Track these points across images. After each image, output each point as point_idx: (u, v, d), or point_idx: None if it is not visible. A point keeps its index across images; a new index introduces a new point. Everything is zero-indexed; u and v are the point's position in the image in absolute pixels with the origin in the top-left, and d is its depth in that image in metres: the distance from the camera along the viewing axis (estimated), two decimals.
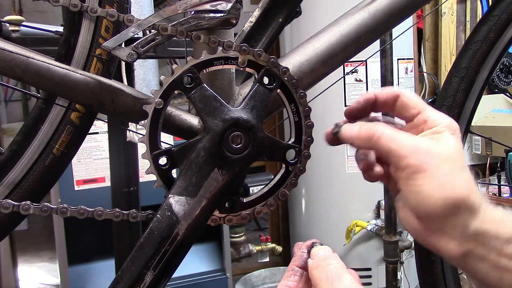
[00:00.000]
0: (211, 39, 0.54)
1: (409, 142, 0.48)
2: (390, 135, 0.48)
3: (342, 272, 0.46)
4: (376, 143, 0.49)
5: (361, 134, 0.50)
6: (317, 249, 0.50)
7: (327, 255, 0.48)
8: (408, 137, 0.48)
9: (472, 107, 0.84)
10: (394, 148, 0.47)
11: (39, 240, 3.38)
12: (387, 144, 0.48)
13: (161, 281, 0.53)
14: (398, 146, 0.47)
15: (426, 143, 0.48)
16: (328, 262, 0.47)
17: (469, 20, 2.88)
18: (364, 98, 0.53)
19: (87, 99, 0.55)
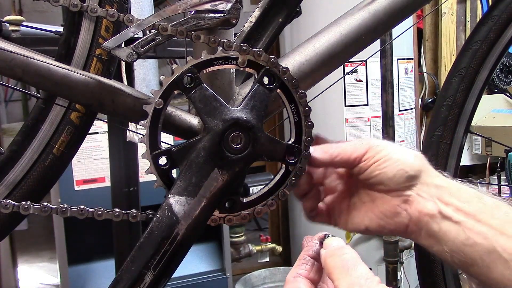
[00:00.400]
0: (211, 39, 0.54)
1: (356, 142, 0.57)
2: (339, 147, 0.57)
3: (358, 261, 0.46)
4: (334, 157, 0.57)
5: (341, 155, 0.56)
6: (331, 239, 0.50)
7: (341, 245, 0.49)
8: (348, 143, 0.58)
9: (472, 107, 0.84)
10: (348, 152, 0.56)
11: (39, 240, 3.38)
12: (340, 155, 0.57)
13: (161, 281, 0.53)
14: (350, 149, 0.56)
15: (368, 139, 0.58)
16: (343, 251, 0.47)
17: (469, 20, 2.88)
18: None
19: (87, 99, 0.55)
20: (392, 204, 0.55)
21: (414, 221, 0.54)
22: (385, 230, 0.57)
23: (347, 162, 0.56)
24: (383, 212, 0.56)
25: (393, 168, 0.54)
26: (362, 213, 0.58)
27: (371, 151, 0.55)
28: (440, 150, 0.84)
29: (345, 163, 0.56)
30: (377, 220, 0.56)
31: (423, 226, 0.54)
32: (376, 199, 0.56)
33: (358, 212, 0.58)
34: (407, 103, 2.13)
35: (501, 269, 0.50)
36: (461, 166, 0.95)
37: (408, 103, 2.14)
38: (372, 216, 0.57)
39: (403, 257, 1.83)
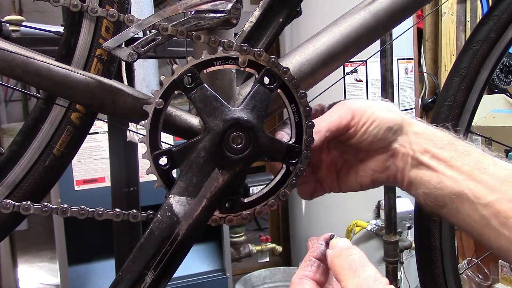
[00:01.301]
0: (212, 39, 0.54)
1: (338, 104, 0.60)
2: (325, 121, 0.58)
3: (366, 262, 0.46)
4: (326, 132, 0.58)
5: (332, 124, 0.57)
6: (337, 240, 0.50)
7: (349, 246, 0.49)
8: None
9: (472, 107, 0.84)
10: (336, 120, 0.58)
11: (39, 240, 3.38)
12: (330, 125, 0.58)
13: (161, 281, 0.53)
14: (337, 117, 0.58)
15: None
16: (350, 252, 0.47)
17: (469, 20, 2.88)
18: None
19: (87, 99, 0.55)
20: (382, 160, 0.59)
21: (400, 170, 0.58)
22: (377, 183, 0.60)
23: (337, 133, 0.58)
24: (374, 169, 0.59)
25: (381, 129, 0.57)
26: (354, 175, 0.61)
27: (356, 115, 0.57)
28: None
29: (335, 135, 0.58)
30: (369, 177, 0.60)
31: (406, 174, 0.58)
32: (365, 159, 0.60)
33: (350, 176, 0.61)
34: (407, 103, 2.13)
35: (468, 210, 0.54)
36: None
37: (408, 103, 2.14)
38: (364, 175, 0.60)
39: (403, 257, 1.83)
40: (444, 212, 0.56)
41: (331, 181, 0.63)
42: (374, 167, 0.59)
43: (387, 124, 0.57)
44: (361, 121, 0.57)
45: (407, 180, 0.58)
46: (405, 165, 0.58)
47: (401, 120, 0.58)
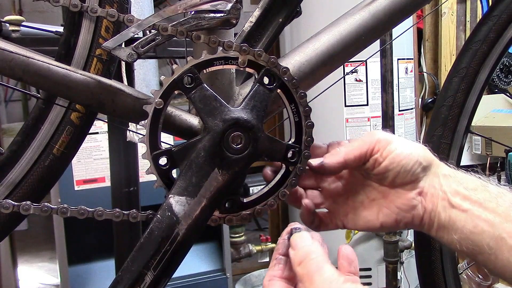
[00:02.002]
0: (211, 39, 0.54)
1: (364, 136, 0.57)
2: (348, 147, 0.57)
3: (321, 264, 0.45)
4: (346, 159, 0.57)
5: (349, 155, 0.56)
6: (295, 238, 0.48)
7: (307, 248, 0.47)
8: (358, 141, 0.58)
9: (472, 107, 0.84)
10: (359, 149, 0.56)
11: (39, 240, 3.38)
12: (351, 154, 0.57)
13: (161, 281, 0.53)
14: (360, 145, 0.57)
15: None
16: (310, 257, 0.46)
17: (469, 20, 2.88)
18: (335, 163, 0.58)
19: (87, 99, 0.55)
20: (408, 197, 0.55)
21: (428, 212, 0.55)
22: (400, 224, 0.56)
23: (360, 159, 0.55)
24: (399, 206, 0.56)
25: (410, 160, 0.54)
26: (375, 211, 0.57)
27: (380, 143, 0.55)
28: (440, 150, 0.84)
29: (358, 160, 0.55)
30: (393, 215, 0.56)
31: (435, 216, 0.54)
32: (389, 195, 0.56)
33: (369, 211, 0.58)
34: (407, 103, 2.13)
35: (507, 255, 0.50)
36: (461, 166, 0.95)
37: (408, 103, 2.14)
38: (387, 212, 0.56)
39: (403, 257, 1.83)
40: (481, 259, 0.52)
41: (345, 213, 0.60)
42: (400, 204, 0.55)
43: (417, 157, 0.54)
44: (386, 150, 0.54)
45: (438, 224, 0.54)
46: (434, 207, 0.54)
47: (431, 158, 0.55)
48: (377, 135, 0.56)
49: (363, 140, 0.56)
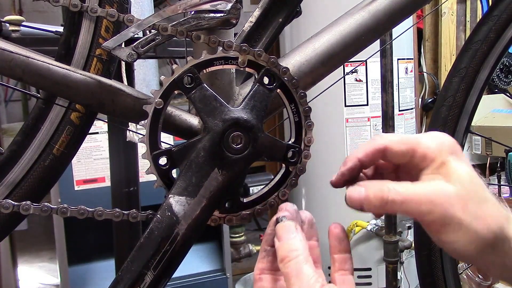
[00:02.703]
0: (211, 39, 0.54)
1: (424, 197, 0.45)
2: (401, 196, 0.45)
3: (300, 266, 0.44)
4: (390, 208, 0.46)
5: (371, 200, 0.46)
6: (279, 229, 0.47)
7: (289, 246, 0.46)
8: (420, 189, 0.45)
9: (472, 107, 0.84)
10: (411, 210, 0.45)
11: (39, 240, 3.38)
12: (401, 207, 0.45)
13: (161, 281, 0.53)
14: (414, 206, 0.45)
15: (438, 189, 0.45)
16: (290, 256, 0.45)
17: (469, 20, 2.88)
18: (348, 168, 0.49)
19: (87, 99, 0.55)
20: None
21: None
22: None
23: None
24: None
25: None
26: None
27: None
28: None
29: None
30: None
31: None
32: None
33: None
34: (407, 103, 2.13)
35: None
36: None
37: (408, 103, 2.14)
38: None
39: (403, 257, 1.83)
40: None
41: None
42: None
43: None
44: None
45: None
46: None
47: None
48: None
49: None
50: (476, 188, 0.46)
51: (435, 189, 0.45)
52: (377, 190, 0.46)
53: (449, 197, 0.45)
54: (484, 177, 2.56)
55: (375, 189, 0.46)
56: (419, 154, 0.47)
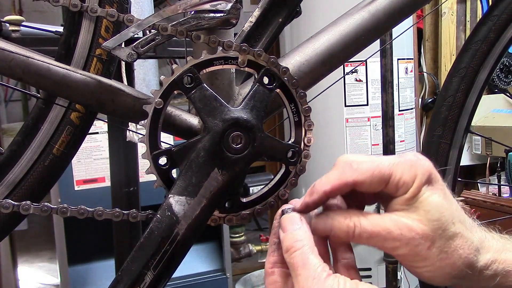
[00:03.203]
0: (211, 39, 0.54)
1: (389, 235, 0.45)
2: (367, 233, 0.46)
3: (306, 256, 0.44)
4: (356, 241, 0.47)
5: (336, 232, 0.47)
6: (284, 220, 0.47)
7: (294, 236, 0.46)
8: (387, 225, 0.46)
9: (472, 107, 0.84)
10: (377, 245, 0.46)
11: (39, 240, 3.38)
12: (367, 242, 0.46)
13: (161, 281, 0.53)
14: (380, 242, 0.46)
15: (405, 227, 0.45)
16: (295, 247, 0.45)
17: (469, 20, 2.88)
18: (313, 201, 0.48)
19: (87, 99, 0.55)
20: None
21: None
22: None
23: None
24: None
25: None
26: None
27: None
28: (440, 150, 0.84)
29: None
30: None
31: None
32: None
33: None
34: (407, 103, 2.13)
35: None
36: (461, 166, 0.95)
37: (408, 103, 2.14)
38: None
39: None
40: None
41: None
42: None
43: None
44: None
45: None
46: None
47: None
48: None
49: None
50: (444, 225, 0.46)
51: (401, 227, 0.45)
52: (343, 225, 0.46)
53: (415, 236, 0.45)
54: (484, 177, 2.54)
55: (340, 224, 0.46)
56: (392, 185, 0.46)
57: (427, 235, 0.45)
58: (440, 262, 0.46)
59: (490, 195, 2.28)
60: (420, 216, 0.45)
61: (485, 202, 2.10)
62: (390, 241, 0.45)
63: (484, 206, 2.08)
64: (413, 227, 0.45)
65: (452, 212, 0.47)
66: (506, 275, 0.48)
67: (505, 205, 2.03)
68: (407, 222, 0.45)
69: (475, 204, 2.11)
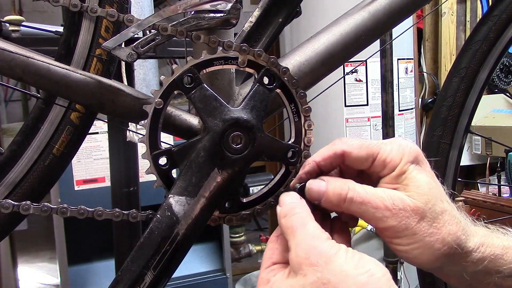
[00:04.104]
0: (211, 39, 0.54)
1: (381, 204, 0.45)
2: (360, 198, 0.46)
3: (307, 220, 0.44)
4: (347, 207, 0.47)
5: (329, 194, 0.47)
6: (283, 196, 0.48)
7: (293, 204, 0.46)
8: (380, 194, 0.46)
9: (472, 107, 0.84)
10: (367, 213, 0.46)
11: (39, 240, 3.38)
12: (359, 208, 0.46)
13: (161, 281, 0.53)
14: (371, 210, 0.46)
15: (397, 198, 0.45)
16: (294, 211, 0.45)
17: (469, 20, 2.88)
18: (306, 171, 0.50)
19: (87, 99, 0.55)
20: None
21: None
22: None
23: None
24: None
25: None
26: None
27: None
28: (440, 150, 0.84)
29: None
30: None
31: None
32: None
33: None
34: (407, 103, 2.13)
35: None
36: (461, 166, 0.95)
37: (408, 103, 2.14)
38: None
39: None
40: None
41: None
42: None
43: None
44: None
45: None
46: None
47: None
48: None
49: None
50: (433, 200, 0.46)
51: (393, 197, 0.46)
52: (337, 187, 0.47)
53: (406, 208, 0.45)
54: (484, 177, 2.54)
55: (335, 185, 0.47)
56: (379, 161, 0.47)
57: (418, 208, 0.45)
58: (429, 237, 0.45)
59: (490, 195, 2.28)
60: (411, 191, 0.46)
61: (485, 202, 2.10)
62: (381, 210, 0.45)
63: (484, 206, 2.08)
64: (405, 199, 0.45)
65: (441, 190, 0.47)
66: (494, 259, 0.48)
67: (505, 205, 2.03)
68: (399, 194, 0.46)
69: (475, 204, 2.11)
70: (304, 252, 0.42)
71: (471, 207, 2.10)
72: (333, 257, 0.41)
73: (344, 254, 0.41)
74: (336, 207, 0.47)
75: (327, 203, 0.47)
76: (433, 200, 0.46)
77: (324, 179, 0.48)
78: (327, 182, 0.48)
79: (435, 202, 0.46)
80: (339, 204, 0.47)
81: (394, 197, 0.46)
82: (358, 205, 0.46)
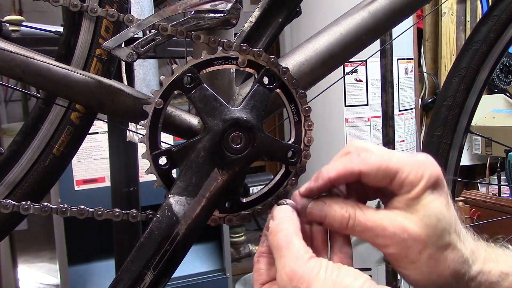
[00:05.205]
0: (211, 39, 0.54)
1: (383, 232, 0.45)
2: (361, 226, 0.46)
3: (290, 238, 0.44)
4: (349, 232, 0.47)
5: (330, 220, 0.47)
6: (276, 210, 0.48)
7: (280, 219, 0.46)
8: (382, 221, 0.45)
9: (472, 107, 0.84)
10: (369, 240, 0.46)
11: (39, 240, 3.38)
12: (360, 235, 0.46)
13: (161, 281, 0.53)
14: (372, 237, 0.46)
15: (400, 227, 0.45)
16: (279, 228, 0.45)
17: (469, 20, 2.88)
18: (318, 186, 0.48)
19: (87, 99, 0.55)
20: None
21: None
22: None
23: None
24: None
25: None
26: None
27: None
28: (440, 150, 0.84)
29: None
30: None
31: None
32: None
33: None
34: (407, 103, 2.13)
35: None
36: (461, 166, 0.95)
37: (408, 103, 2.14)
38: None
39: None
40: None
41: None
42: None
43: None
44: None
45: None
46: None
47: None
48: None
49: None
50: (439, 233, 0.45)
51: (397, 225, 0.45)
52: (338, 215, 0.46)
53: (408, 238, 0.45)
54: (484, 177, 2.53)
55: (336, 213, 0.46)
56: (397, 182, 0.46)
57: (420, 239, 0.45)
58: (428, 268, 0.45)
59: (490, 195, 2.28)
60: (418, 219, 0.45)
61: (485, 202, 2.10)
62: (382, 238, 0.45)
63: (484, 206, 2.08)
64: (408, 229, 0.45)
65: (451, 222, 0.46)
66: (489, 287, 0.48)
67: (505, 205, 2.03)
68: (403, 223, 0.45)
69: (475, 204, 2.11)
70: (287, 277, 0.42)
71: (471, 207, 2.10)
72: (313, 280, 0.41)
73: (324, 273, 0.41)
74: (337, 230, 0.48)
75: (328, 225, 0.48)
76: (439, 233, 0.45)
77: (326, 202, 0.48)
78: (328, 207, 0.47)
79: (440, 234, 0.45)
80: (341, 229, 0.47)
81: (396, 225, 0.45)
82: (359, 232, 0.46)
